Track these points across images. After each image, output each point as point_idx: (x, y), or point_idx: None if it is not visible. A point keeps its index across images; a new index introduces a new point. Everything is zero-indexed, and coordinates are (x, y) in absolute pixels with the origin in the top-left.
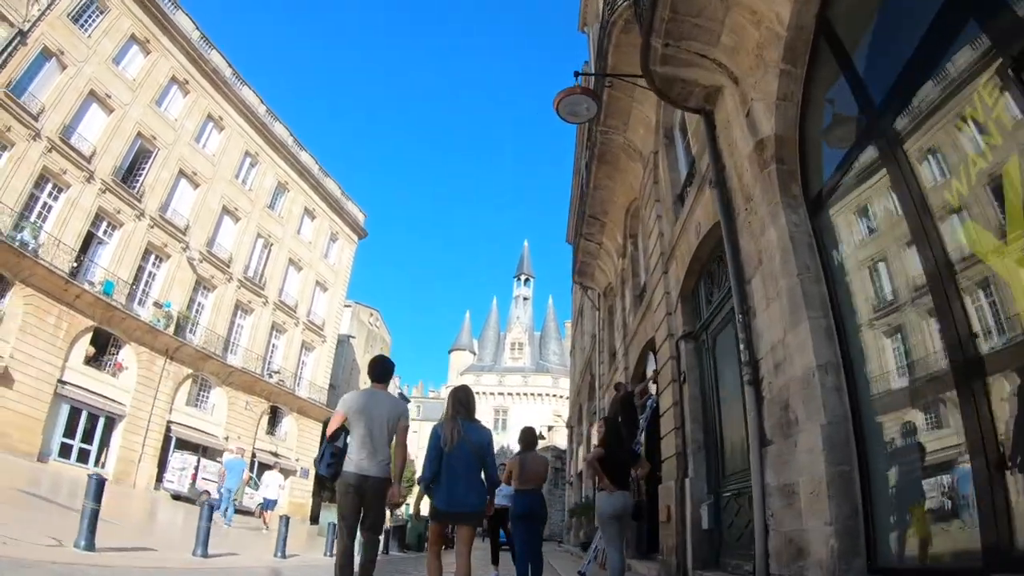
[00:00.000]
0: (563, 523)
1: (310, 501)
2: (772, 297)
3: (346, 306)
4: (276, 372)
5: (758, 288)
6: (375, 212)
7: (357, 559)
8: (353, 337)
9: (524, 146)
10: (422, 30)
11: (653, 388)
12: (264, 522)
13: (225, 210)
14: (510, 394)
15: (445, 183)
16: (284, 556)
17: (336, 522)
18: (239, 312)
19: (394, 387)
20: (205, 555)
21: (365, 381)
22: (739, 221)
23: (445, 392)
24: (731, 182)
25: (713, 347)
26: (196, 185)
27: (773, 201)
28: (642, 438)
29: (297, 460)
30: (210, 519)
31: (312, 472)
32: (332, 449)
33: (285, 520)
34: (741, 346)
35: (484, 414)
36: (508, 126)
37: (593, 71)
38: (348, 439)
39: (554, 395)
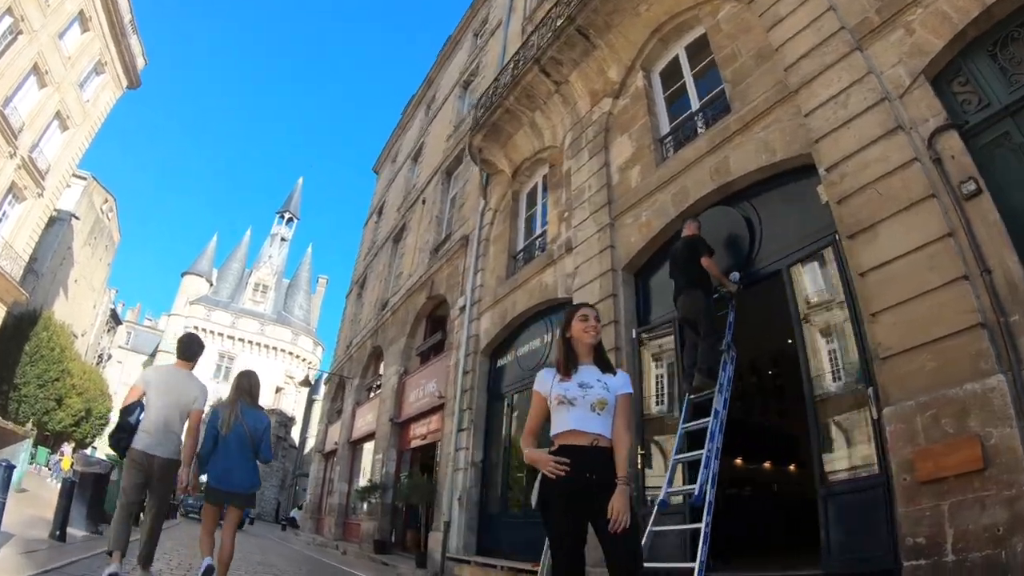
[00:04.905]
0: (279, 501)
1: None
2: None
3: (80, 177)
4: None
5: None
6: (154, 70)
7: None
8: (77, 218)
9: (332, 91)
10: None
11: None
12: None
13: None
14: (241, 339)
15: (243, 84)
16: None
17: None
18: None
19: (108, 300)
20: None
21: (77, 279)
22: None
23: (166, 322)
24: None
25: None
26: None
27: None
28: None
29: None
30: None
31: None
32: (124, 423)
33: None
34: None
35: (208, 357)
36: (327, 64)
37: None
38: (141, 415)
39: (291, 353)
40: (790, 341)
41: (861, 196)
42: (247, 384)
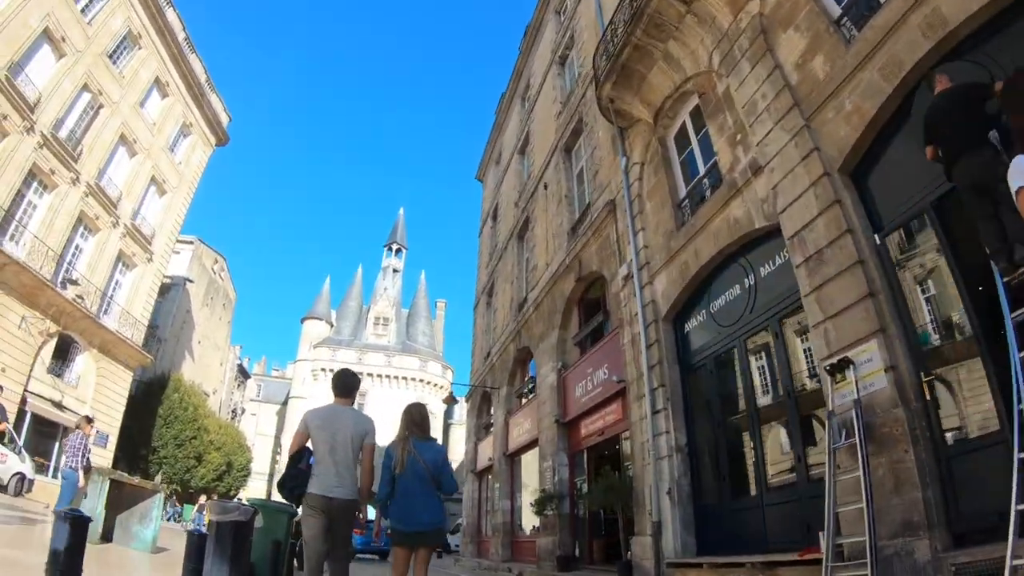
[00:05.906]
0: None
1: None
2: None
3: (187, 242)
4: (75, 283)
5: None
6: (240, 127)
7: None
8: (191, 281)
9: (418, 114)
10: None
11: None
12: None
13: (48, 35)
14: (370, 374)
15: (330, 125)
16: None
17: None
18: (34, 182)
19: (234, 357)
20: None
21: (200, 340)
22: None
23: (292, 369)
24: None
25: None
26: None
27: None
28: None
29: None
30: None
31: (112, 442)
32: (295, 471)
33: None
34: None
35: None
36: (407, 89)
37: None
38: (312, 459)
39: (421, 380)
40: None
41: None
42: (418, 417)
